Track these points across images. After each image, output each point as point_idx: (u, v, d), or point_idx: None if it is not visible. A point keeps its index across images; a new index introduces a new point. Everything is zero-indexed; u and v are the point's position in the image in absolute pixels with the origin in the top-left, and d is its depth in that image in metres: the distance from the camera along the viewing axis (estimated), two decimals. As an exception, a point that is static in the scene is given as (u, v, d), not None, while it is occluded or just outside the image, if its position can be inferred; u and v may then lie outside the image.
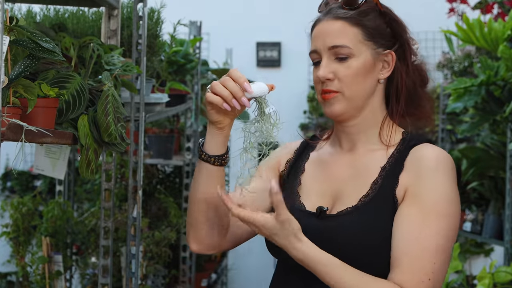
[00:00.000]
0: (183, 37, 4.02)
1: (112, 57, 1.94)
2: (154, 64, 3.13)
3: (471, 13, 3.98)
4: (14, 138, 1.48)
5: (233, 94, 1.55)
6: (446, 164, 1.62)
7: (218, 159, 1.65)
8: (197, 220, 1.68)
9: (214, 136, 1.64)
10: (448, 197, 1.58)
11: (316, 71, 1.66)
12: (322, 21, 1.68)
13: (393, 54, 1.67)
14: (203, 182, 1.66)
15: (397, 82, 1.68)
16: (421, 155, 1.62)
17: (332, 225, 1.61)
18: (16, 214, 3.11)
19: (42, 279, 3.01)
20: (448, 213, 1.57)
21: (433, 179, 1.59)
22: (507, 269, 3.19)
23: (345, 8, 1.66)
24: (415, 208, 1.57)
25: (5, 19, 1.52)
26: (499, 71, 3.01)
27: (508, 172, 3.96)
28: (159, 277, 3.69)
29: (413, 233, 1.55)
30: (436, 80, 5.98)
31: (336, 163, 1.71)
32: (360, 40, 1.64)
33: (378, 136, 1.68)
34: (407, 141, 1.67)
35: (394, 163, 1.64)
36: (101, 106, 1.77)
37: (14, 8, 3.01)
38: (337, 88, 1.63)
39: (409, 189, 1.59)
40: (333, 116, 1.66)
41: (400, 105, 1.68)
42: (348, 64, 1.63)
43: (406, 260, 1.54)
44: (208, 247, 1.72)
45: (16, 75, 1.57)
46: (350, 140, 1.70)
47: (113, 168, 2.64)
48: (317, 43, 1.66)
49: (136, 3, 2.59)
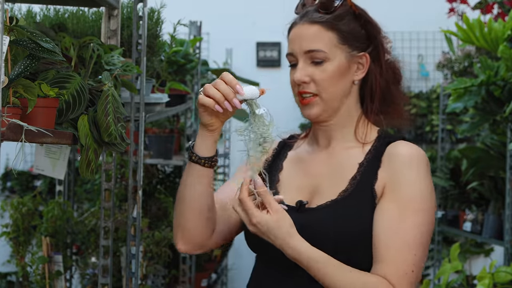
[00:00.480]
0: (183, 37, 4.02)
1: (112, 57, 1.94)
2: (154, 64, 3.12)
3: (471, 13, 3.98)
4: (14, 138, 1.48)
5: (225, 96, 1.60)
6: (421, 161, 1.68)
7: (209, 161, 1.70)
8: (186, 221, 1.74)
9: (205, 138, 1.69)
10: (423, 193, 1.65)
11: (293, 73, 1.72)
12: (298, 24, 1.74)
13: (367, 56, 1.74)
14: (193, 184, 1.71)
15: (372, 83, 1.74)
16: (396, 152, 1.69)
17: (312, 218, 1.67)
18: (16, 214, 3.11)
19: (42, 279, 3.01)
20: (424, 208, 1.64)
21: (408, 176, 1.65)
22: (507, 269, 3.20)
23: (321, 12, 1.71)
24: (392, 204, 1.64)
25: (5, 19, 1.52)
26: (499, 71, 3.01)
27: (508, 172, 3.96)
28: (159, 277, 3.69)
29: (392, 227, 1.62)
30: (436, 80, 5.99)
31: (314, 160, 1.78)
32: (335, 44, 1.70)
33: (353, 134, 1.75)
34: (383, 139, 1.73)
35: (371, 160, 1.70)
36: (101, 106, 1.77)
37: (14, 8, 3.01)
38: (313, 91, 1.70)
39: (386, 185, 1.66)
40: (311, 118, 1.73)
41: (374, 104, 1.75)
42: (323, 68, 1.69)
43: (389, 254, 1.61)
44: (195, 247, 1.78)
45: (16, 75, 1.57)
46: (327, 138, 1.77)
47: (113, 168, 2.64)
48: (294, 46, 1.73)
49: (136, 3, 2.59)
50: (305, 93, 1.70)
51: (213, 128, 1.68)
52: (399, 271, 1.60)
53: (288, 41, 1.76)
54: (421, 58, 6.03)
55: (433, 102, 5.88)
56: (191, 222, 1.73)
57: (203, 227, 1.74)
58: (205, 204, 1.72)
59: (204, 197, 1.71)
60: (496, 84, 3.03)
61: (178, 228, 1.76)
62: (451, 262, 3.48)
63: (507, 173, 3.98)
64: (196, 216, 1.73)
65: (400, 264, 1.60)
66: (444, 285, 3.48)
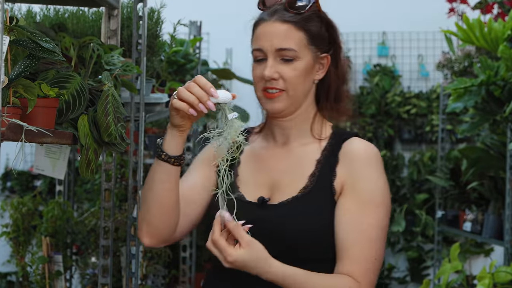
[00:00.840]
0: (183, 37, 4.02)
1: (112, 57, 1.94)
2: (154, 64, 3.12)
3: (471, 13, 3.98)
4: (14, 138, 1.48)
5: (199, 99, 1.65)
6: (377, 158, 1.77)
7: (177, 159, 1.76)
8: (152, 216, 1.79)
9: (175, 138, 1.74)
10: (382, 189, 1.74)
11: (259, 68, 1.78)
12: (268, 21, 1.79)
13: (328, 57, 1.82)
14: (160, 181, 1.77)
15: (329, 82, 1.83)
16: (354, 150, 1.77)
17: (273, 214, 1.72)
18: (16, 214, 3.11)
19: (42, 279, 3.01)
20: (383, 202, 1.73)
21: (368, 174, 1.74)
22: (507, 269, 3.19)
23: (291, 11, 1.77)
24: (353, 201, 1.71)
25: (5, 19, 1.52)
26: (499, 71, 3.00)
27: (508, 172, 3.96)
28: (159, 277, 3.69)
29: (355, 225, 1.69)
30: (436, 80, 6.00)
31: (271, 156, 1.84)
32: (304, 44, 1.77)
33: (310, 130, 1.82)
34: (338, 135, 1.81)
35: (328, 156, 1.78)
36: (101, 106, 1.77)
37: (14, 8, 3.01)
38: (281, 87, 1.76)
39: (346, 183, 1.73)
40: (274, 112, 1.79)
41: (329, 102, 1.83)
42: (293, 66, 1.76)
43: (352, 251, 1.69)
44: (160, 241, 1.84)
45: (16, 75, 1.57)
46: (284, 134, 1.83)
47: (113, 168, 2.64)
48: (264, 43, 1.77)
49: (136, 3, 2.58)
50: (272, 88, 1.76)
51: (184, 129, 1.73)
52: (362, 267, 1.69)
53: (254, 36, 1.81)
54: (421, 58, 6.03)
55: (433, 102, 5.88)
56: (158, 218, 1.78)
57: (169, 222, 1.80)
58: (172, 200, 1.78)
59: (171, 194, 1.77)
60: (496, 84, 3.03)
61: (144, 223, 1.81)
62: (451, 262, 3.47)
63: (507, 173, 3.98)
64: (163, 213, 1.78)
65: (364, 260, 1.69)
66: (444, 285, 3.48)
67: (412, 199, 5.82)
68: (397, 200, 5.88)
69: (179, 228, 1.84)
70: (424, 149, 6.05)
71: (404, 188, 5.90)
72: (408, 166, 5.95)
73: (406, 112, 5.94)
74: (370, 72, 6.01)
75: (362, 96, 6.01)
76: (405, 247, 5.90)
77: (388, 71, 5.96)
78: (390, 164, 5.91)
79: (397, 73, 6.02)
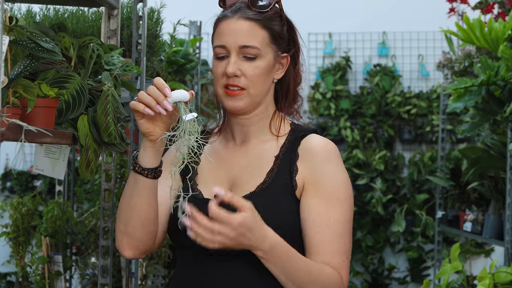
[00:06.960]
0: (183, 37, 4.02)
1: (112, 57, 1.94)
2: (154, 64, 3.12)
3: (471, 13, 3.98)
4: (14, 138, 1.47)
5: (155, 99, 1.65)
6: (337, 153, 1.80)
7: (151, 172, 1.73)
8: (134, 229, 1.77)
9: (147, 149, 1.72)
10: (344, 183, 1.77)
11: (221, 65, 1.79)
12: (231, 18, 1.81)
13: (288, 58, 1.85)
14: (137, 194, 1.74)
15: (288, 82, 1.86)
16: (312, 146, 1.79)
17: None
18: (16, 214, 3.11)
19: (42, 279, 3.01)
20: (346, 196, 1.76)
21: (329, 170, 1.76)
22: (507, 269, 3.19)
23: (254, 10, 1.80)
24: (318, 199, 1.74)
25: (5, 19, 1.52)
26: (500, 71, 3.00)
27: (508, 172, 3.96)
28: (159, 277, 3.69)
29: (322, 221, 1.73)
30: (436, 80, 5.99)
31: (231, 154, 1.86)
32: (267, 43, 1.80)
33: (268, 127, 1.85)
34: (297, 132, 1.84)
35: (286, 152, 1.80)
36: (101, 106, 1.77)
37: (14, 8, 3.01)
38: (243, 85, 1.78)
39: (308, 179, 1.76)
40: (235, 110, 1.81)
41: (288, 101, 1.86)
42: (256, 64, 1.78)
43: (323, 247, 1.72)
44: (142, 252, 1.82)
45: (16, 75, 1.56)
46: (243, 132, 1.86)
47: (113, 168, 2.64)
48: (228, 40, 1.79)
49: (136, 3, 2.58)
50: (233, 85, 1.78)
51: (153, 137, 1.70)
52: (337, 261, 1.72)
53: (216, 33, 1.83)
54: (421, 58, 6.02)
55: (433, 102, 5.88)
56: (140, 231, 1.77)
57: (150, 234, 1.78)
58: (151, 213, 1.76)
59: (150, 208, 1.75)
60: (496, 84, 3.02)
61: (124, 236, 1.78)
62: (452, 262, 3.47)
63: (508, 173, 3.97)
64: (144, 225, 1.76)
65: (335, 254, 1.72)
66: (444, 285, 3.48)
67: (413, 199, 5.82)
68: (397, 200, 5.88)
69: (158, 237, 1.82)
70: (425, 149, 6.05)
71: (404, 188, 5.90)
72: (408, 166, 5.95)
73: (406, 112, 5.94)
74: (370, 72, 6.01)
75: (362, 96, 6.01)
76: (406, 247, 5.90)
77: (388, 71, 5.96)
78: (390, 164, 5.92)
79: (397, 73, 6.02)
